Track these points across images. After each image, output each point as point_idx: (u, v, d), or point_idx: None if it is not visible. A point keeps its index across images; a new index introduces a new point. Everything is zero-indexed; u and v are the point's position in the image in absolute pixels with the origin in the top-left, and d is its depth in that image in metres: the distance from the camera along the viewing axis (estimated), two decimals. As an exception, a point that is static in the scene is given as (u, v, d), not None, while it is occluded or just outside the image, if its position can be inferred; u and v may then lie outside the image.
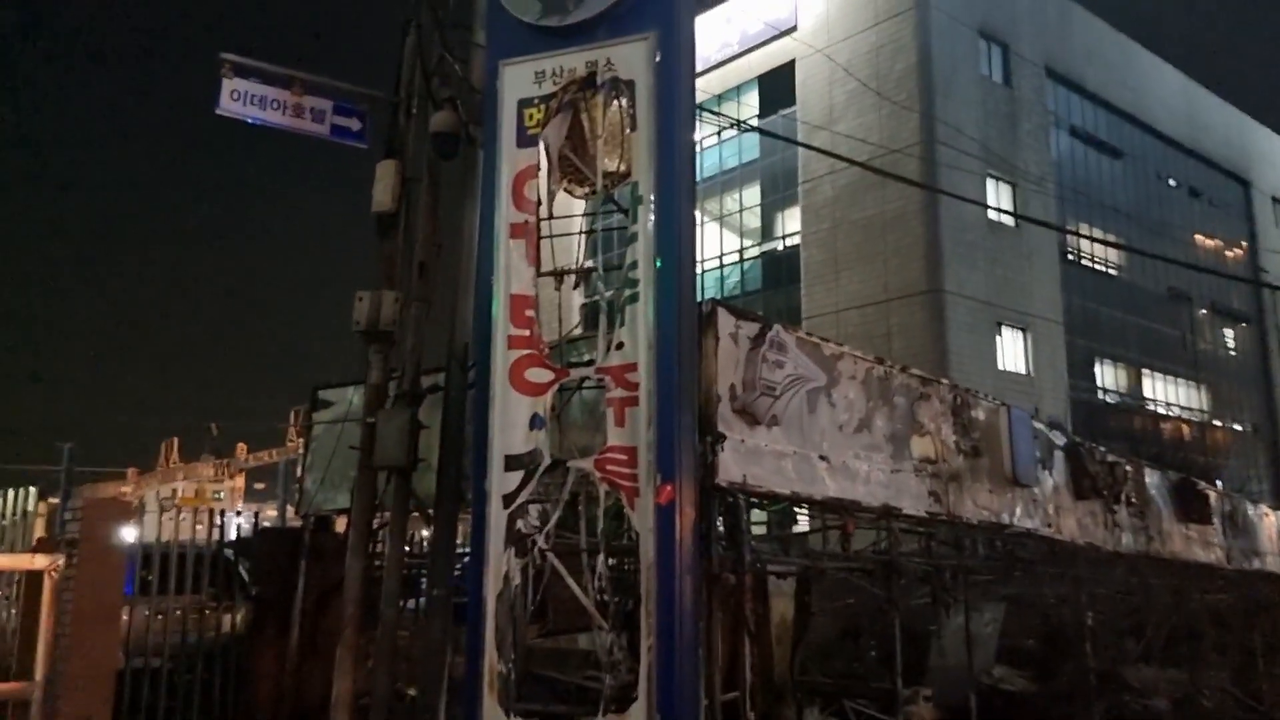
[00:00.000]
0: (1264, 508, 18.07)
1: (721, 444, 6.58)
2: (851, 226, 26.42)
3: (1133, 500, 12.54)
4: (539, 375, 6.46)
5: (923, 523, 8.90)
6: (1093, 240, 30.28)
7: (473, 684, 6.22)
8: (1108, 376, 31.74)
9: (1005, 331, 26.59)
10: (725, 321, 6.81)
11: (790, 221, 28.67)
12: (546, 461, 6.37)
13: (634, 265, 6.28)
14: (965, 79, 26.62)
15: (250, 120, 8.54)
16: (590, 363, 6.62)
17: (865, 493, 7.89)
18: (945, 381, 9.43)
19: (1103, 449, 12.39)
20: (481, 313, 6.67)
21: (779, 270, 28.85)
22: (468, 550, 6.88)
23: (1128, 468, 12.54)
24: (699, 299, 6.77)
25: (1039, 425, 10.66)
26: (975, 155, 25.26)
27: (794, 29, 28.22)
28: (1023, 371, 26.84)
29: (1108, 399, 31.54)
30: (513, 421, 6.42)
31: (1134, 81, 33.46)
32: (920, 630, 10.77)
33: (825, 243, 27.08)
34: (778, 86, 28.80)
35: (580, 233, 7.06)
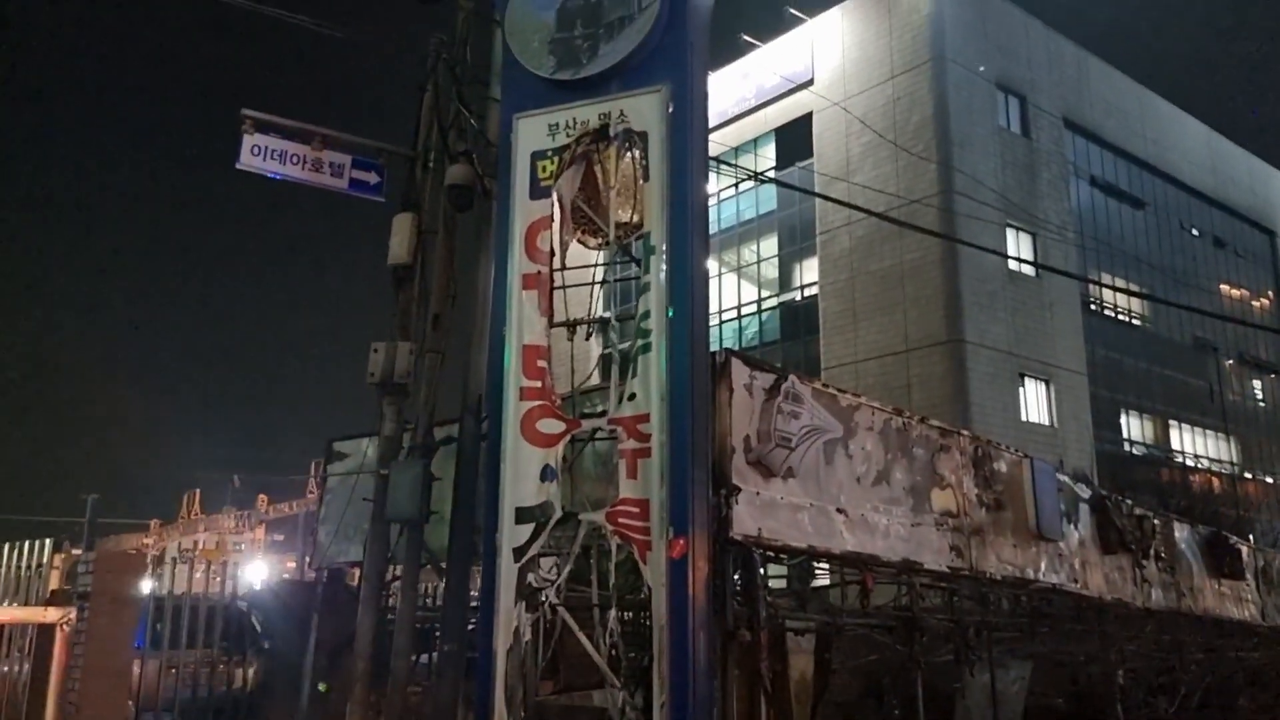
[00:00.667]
0: (1298, 562, 17.63)
1: (736, 496, 6.48)
2: (870, 277, 26.37)
3: (1162, 555, 12.26)
4: (551, 426, 6.42)
5: (945, 578, 8.70)
6: (1115, 290, 30.07)
7: (482, 743, 6.09)
8: (1134, 428, 31.28)
9: (1028, 382, 26.31)
10: (739, 372, 6.75)
11: (808, 272, 28.67)
12: (558, 514, 6.29)
13: (646, 315, 6.25)
14: (983, 130, 26.70)
15: (270, 175, 8.65)
16: (603, 413, 6.57)
17: (885, 547, 7.74)
18: (966, 433, 9.29)
19: (1130, 502, 12.15)
20: (494, 364, 6.65)
21: (797, 321, 28.79)
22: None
23: (1156, 521, 12.27)
24: (715, 349, 6.73)
25: (1063, 478, 10.47)
26: (994, 205, 25.23)
27: (810, 82, 28.48)
28: (1046, 423, 26.51)
29: (1134, 451, 31.05)
30: (524, 473, 6.36)
31: (1154, 132, 33.45)
32: (944, 689, 10.46)
33: (843, 293, 27.02)
34: (795, 139, 29.00)
35: (594, 283, 7.04)
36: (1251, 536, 26.43)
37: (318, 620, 8.96)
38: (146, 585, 8.13)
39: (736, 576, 6.55)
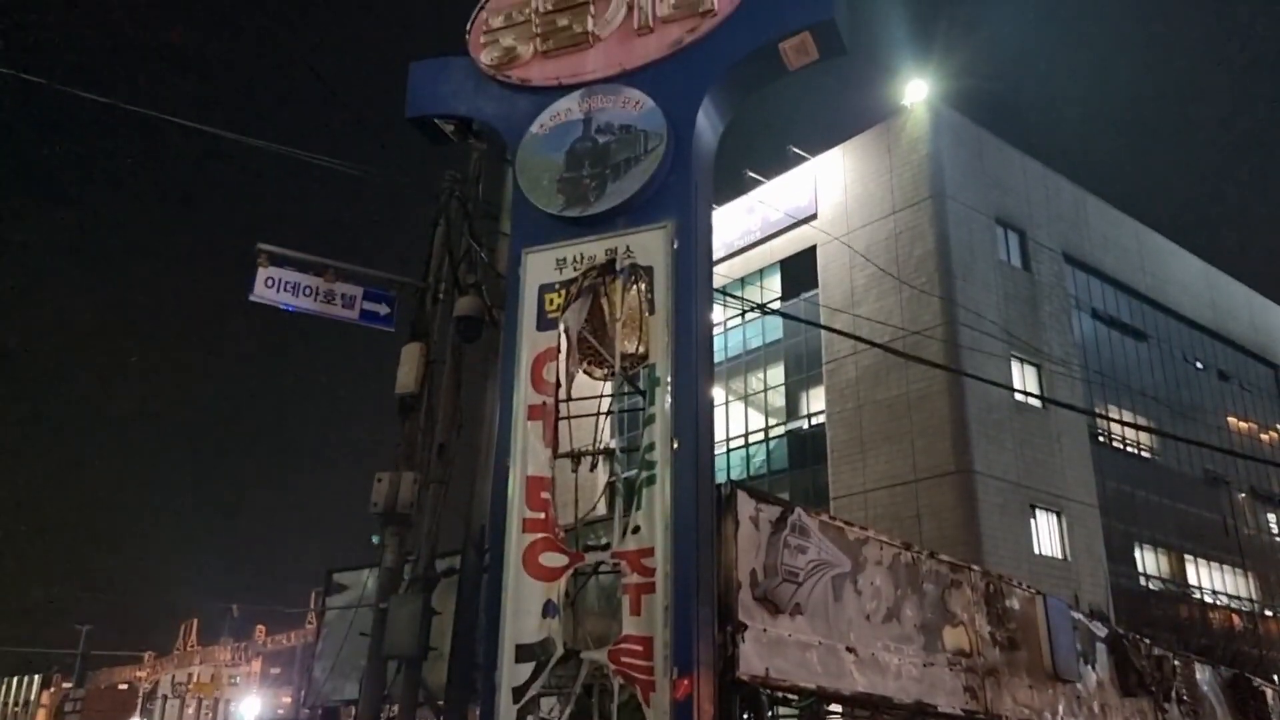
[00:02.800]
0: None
1: (743, 634, 6.31)
2: (876, 406, 26.38)
3: (1184, 698, 11.83)
4: (553, 560, 6.32)
5: (959, 721, 8.38)
6: (1121, 423, 29.98)
7: None
8: (1149, 562, 30.65)
9: (1039, 514, 25.94)
10: (745, 505, 6.68)
11: (815, 401, 28.71)
12: (559, 652, 6.13)
13: (651, 447, 6.23)
14: (984, 263, 27.15)
15: (283, 306, 8.80)
16: (607, 546, 6.48)
17: (896, 688, 7.49)
18: (976, 568, 9.12)
19: (1148, 640, 11.80)
20: (497, 495, 6.60)
21: (805, 449, 28.66)
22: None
23: (1176, 662, 11.89)
24: (723, 479, 6.68)
25: (1078, 615, 10.21)
26: (998, 337, 25.43)
27: (814, 217, 29.17)
28: (1059, 556, 26.00)
29: (1150, 586, 30.33)
30: (525, 609, 6.23)
31: (1152, 267, 33.98)
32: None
33: (850, 422, 26.98)
34: (800, 270, 29.51)
35: (599, 413, 7.05)
36: (1276, 678, 25.54)
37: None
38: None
39: (746, 718, 6.31)
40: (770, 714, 6.64)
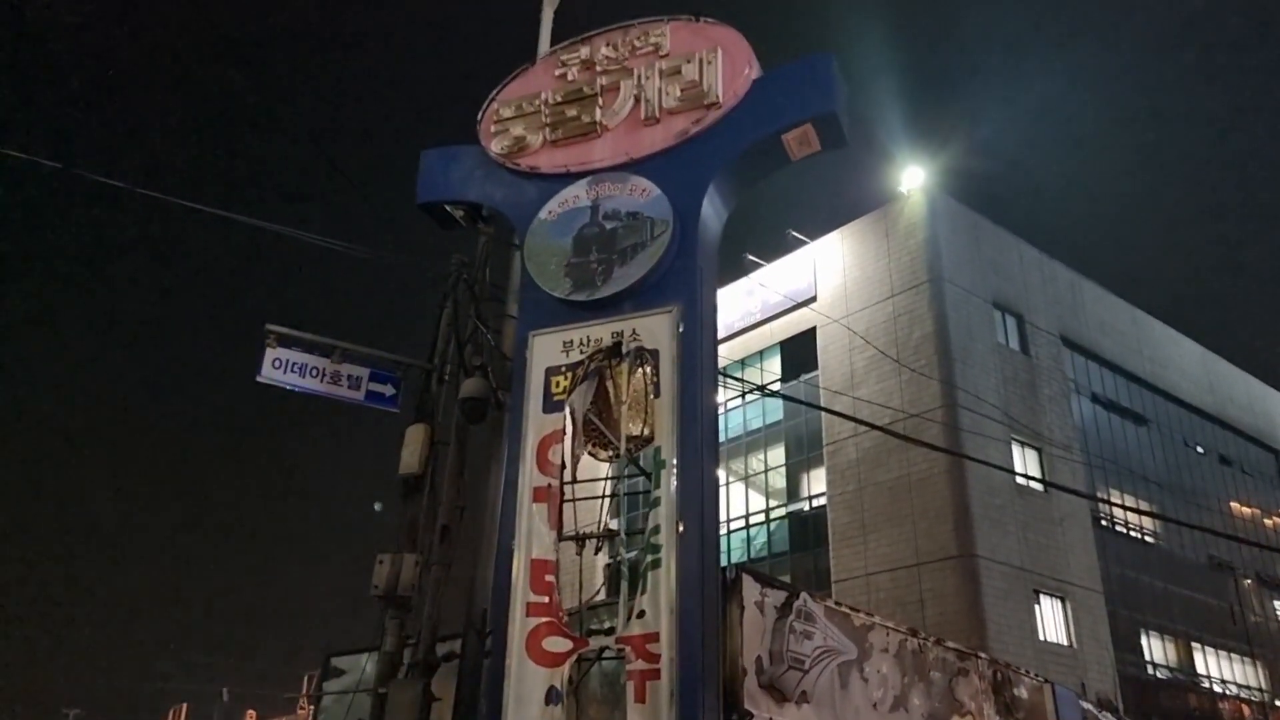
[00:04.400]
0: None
1: (748, 723, 6.23)
2: (878, 488, 26.25)
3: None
4: (557, 644, 6.26)
5: (969, 815, 8.20)
6: (1123, 508, 29.81)
7: None
8: (1155, 650, 30.12)
9: (1043, 600, 25.60)
10: (750, 589, 6.65)
11: (816, 482, 28.56)
12: (562, 740, 6.03)
13: (656, 530, 6.22)
14: (983, 346, 27.31)
15: (289, 387, 8.85)
16: (610, 630, 6.42)
17: (904, 779, 7.35)
18: (984, 656, 9.00)
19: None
20: (500, 578, 6.56)
21: (806, 531, 28.41)
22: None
23: (1188, 754, 11.63)
24: (725, 565, 6.65)
25: (1087, 704, 10.04)
26: (998, 420, 25.45)
27: (813, 299, 29.44)
28: (1065, 643, 25.57)
29: (1158, 674, 29.76)
30: (528, 696, 6.15)
31: (1150, 351, 34.16)
32: None
33: (852, 504, 26.81)
34: (799, 351, 29.65)
35: (603, 496, 7.05)
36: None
37: None
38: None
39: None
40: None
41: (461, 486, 8.36)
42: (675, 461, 6.32)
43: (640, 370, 6.84)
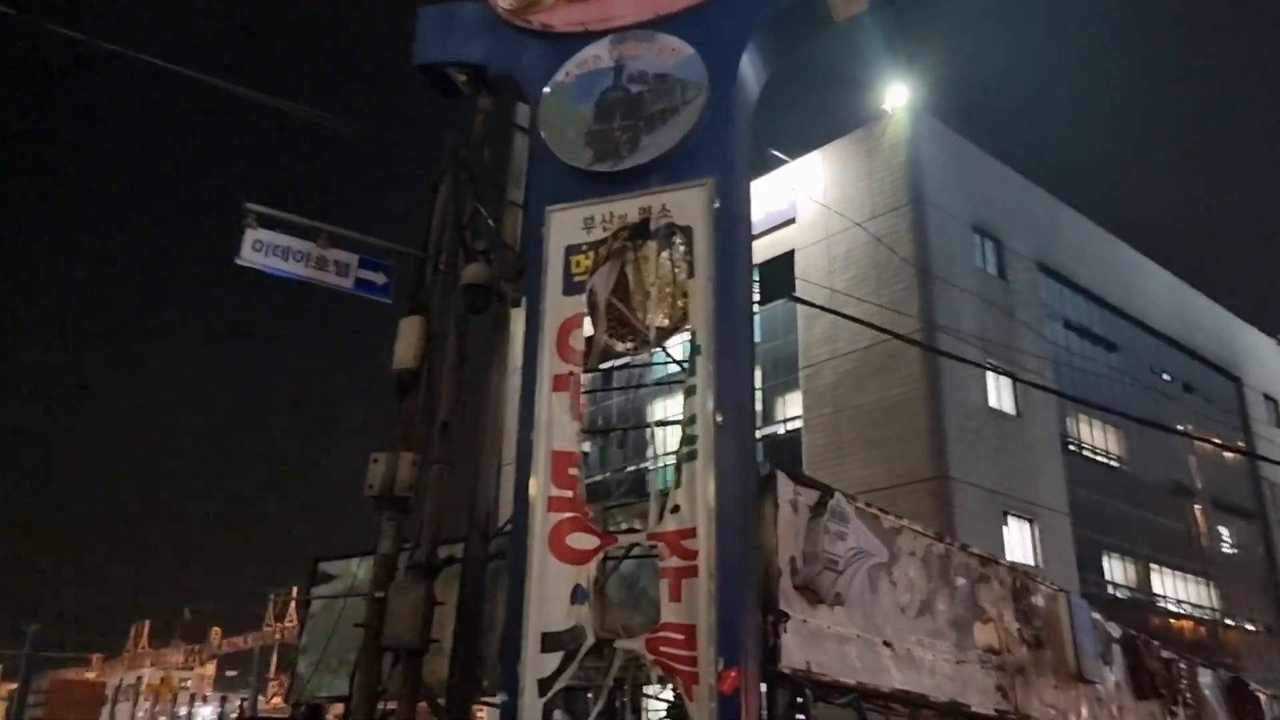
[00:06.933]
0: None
1: (784, 624, 5.82)
2: (854, 412, 26.09)
3: (1189, 701, 11.55)
4: (583, 541, 5.77)
5: (989, 722, 7.96)
6: (1097, 407, 30.06)
7: None
8: (1116, 571, 30.72)
9: (1011, 521, 25.82)
10: (784, 487, 6.20)
11: (791, 406, 28.36)
12: (589, 641, 5.58)
13: (692, 420, 5.72)
14: (962, 270, 27.05)
15: (271, 272, 8.16)
16: (630, 531, 5.97)
17: (932, 685, 7.05)
18: (1004, 563, 8.72)
19: (1157, 643, 11.51)
20: (520, 472, 6.03)
21: (781, 454, 28.25)
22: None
23: (1182, 665, 11.62)
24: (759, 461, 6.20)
25: (1097, 615, 9.86)
26: (974, 344, 25.28)
27: (792, 220, 28.89)
28: (1032, 563, 25.87)
29: (1118, 594, 30.40)
30: (552, 594, 5.68)
31: (1124, 278, 34.19)
32: None
33: (827, 427, 26.67)
34: (778, 274, 29.18)
35: (630, 386, 6.53)
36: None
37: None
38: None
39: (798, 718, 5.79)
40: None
41: (462, 381, 7.78)
42: (714, 346, 5.79)
43: (667, 251, 6.27)
